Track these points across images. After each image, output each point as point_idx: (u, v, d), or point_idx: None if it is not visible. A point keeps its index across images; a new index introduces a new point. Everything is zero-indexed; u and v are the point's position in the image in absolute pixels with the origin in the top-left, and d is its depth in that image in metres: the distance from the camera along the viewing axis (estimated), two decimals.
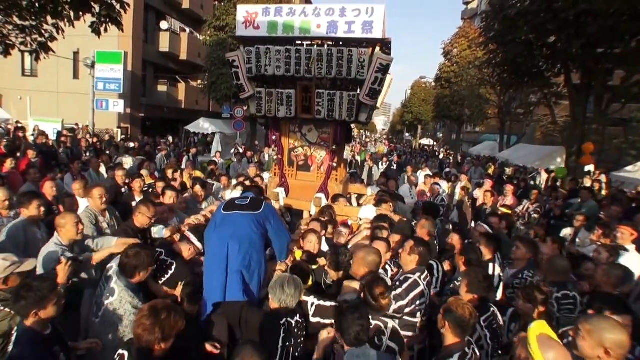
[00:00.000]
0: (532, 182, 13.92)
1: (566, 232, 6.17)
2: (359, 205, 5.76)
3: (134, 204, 4.92)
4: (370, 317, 2.46)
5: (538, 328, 1.93)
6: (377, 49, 4.62)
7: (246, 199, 3.41)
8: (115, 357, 2.09)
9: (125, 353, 2.07)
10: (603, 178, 13.21)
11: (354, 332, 2.26)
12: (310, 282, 3.14)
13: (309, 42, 4.76)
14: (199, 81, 23.38)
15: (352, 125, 7.44)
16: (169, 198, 4.91)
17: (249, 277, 3.02)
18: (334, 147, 5.41)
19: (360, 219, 5.08)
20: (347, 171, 7.14)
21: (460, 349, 2.38)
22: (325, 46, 4.63)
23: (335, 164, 5.45)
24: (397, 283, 3.16)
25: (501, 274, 3.83)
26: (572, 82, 10.33)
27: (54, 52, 8.00)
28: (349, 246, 4.27)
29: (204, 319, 3.01)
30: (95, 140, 14.48)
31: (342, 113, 4.83)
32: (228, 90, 18.11)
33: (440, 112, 28.47)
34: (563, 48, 9.06)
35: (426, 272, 3.27)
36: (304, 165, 5.62)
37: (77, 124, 17.96)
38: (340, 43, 4.62)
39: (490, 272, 3.71)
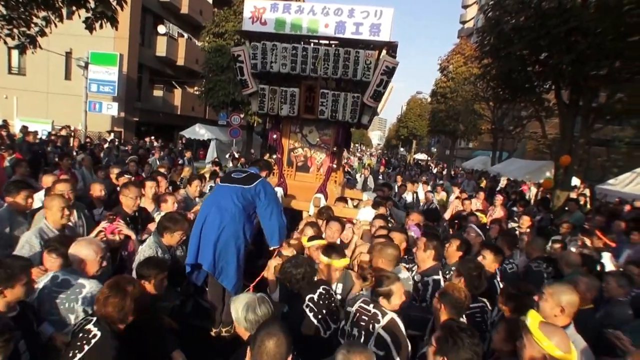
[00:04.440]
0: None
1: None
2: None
3: None
4: (371, 304, 2.52)
5: (536, 318, 2.06)
6: (384, 51, 4.63)
7: (244, 173, 3.53)
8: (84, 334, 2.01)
9: (98, 333, 2.01)
10: (587, 192, 13.78)
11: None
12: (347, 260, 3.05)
13: (315, 41, 4.73)
14: (196, 87, 23.33)
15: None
16: (149, 188, 4.76)
17: (221, 247, 3.20)
18: (335, 149, 5.40)
19: (359, 221, 5.06)
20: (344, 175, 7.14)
21: None
22: (333, 46, 4.62)
23: (335, 166, 5.43)
24: (421, 287, 3.19)
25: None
26: (562, 98, 10.57)
27: (41, 47, 7.65)
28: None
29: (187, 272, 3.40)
30: (87, 140, 14.27)
31: (346, 114, 4.81)
32: (225, 98, 18.01)
33: (435, 126, 28.68)
34: (554, 64, 9.28)
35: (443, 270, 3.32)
36: (303, 166, 5.59)
37: (68, 126, 17.68)
38: (348, 44, 4.61)
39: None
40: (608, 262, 4.93)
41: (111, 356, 2.00)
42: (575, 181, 13.53)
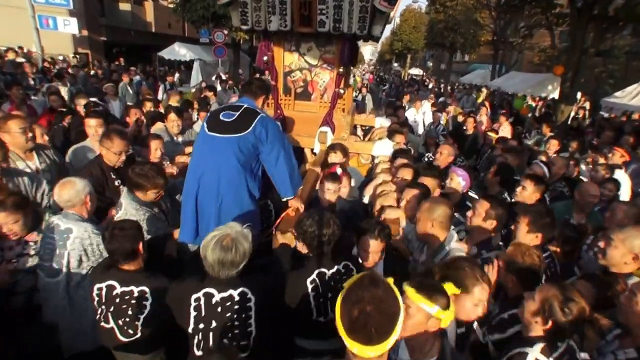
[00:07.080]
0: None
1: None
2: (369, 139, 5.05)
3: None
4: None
5: None
6: None
7: (234, 114, 2.71)
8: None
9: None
10: (587, 105, 14.18)
11: None
12: None
13: None
14: None
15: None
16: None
17: (224, 221, 2.46)
18: (341, 69, 4.53)
19: (375, 157, 4.42)
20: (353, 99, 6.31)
21: None
22: None
23: (342, 90, 4.60)
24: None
25: None
26: (575, 3, 9.86)
27: None
28: (366, 196, 3.64)
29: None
30: (46, 64, 12.62)
31: (352, 24, 3.82)
32: (205, 11, 15.74)
33: (433, 38, 27.21)
34: None
35: None
36: (303, 92, 4.67)
37: (21, 48, 14.41)
38: None
39: None
40: (623, 178, 4.66)
41: None
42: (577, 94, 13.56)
